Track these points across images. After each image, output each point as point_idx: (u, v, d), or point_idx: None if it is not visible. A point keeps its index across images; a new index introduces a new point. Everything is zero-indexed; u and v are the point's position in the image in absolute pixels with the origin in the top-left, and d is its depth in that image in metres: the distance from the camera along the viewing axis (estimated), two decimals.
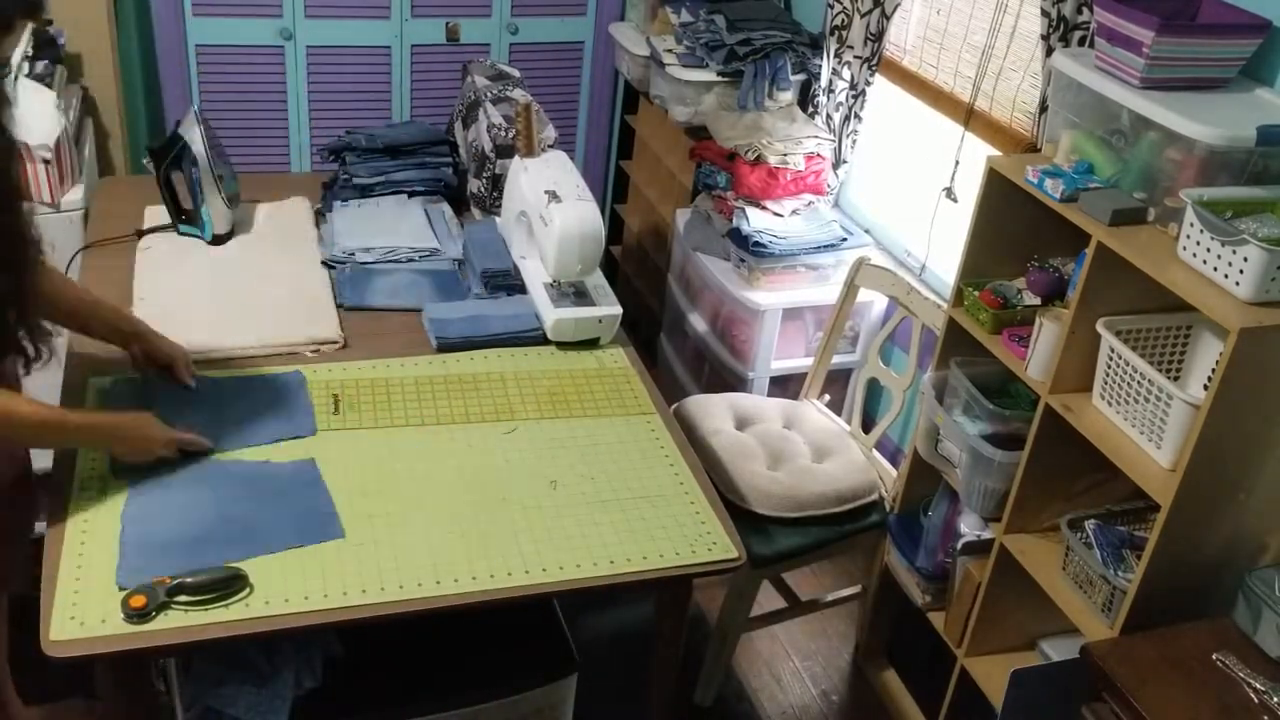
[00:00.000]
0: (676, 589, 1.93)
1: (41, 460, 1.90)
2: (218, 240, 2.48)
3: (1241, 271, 1.74)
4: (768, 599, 2.81)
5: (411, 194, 2.71)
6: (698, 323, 3.35)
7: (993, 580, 2.31)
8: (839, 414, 2.91)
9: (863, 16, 2.99)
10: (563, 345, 2.29)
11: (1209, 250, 1.79)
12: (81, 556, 1.65)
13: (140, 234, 2.46)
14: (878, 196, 3.29)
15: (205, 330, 2.16)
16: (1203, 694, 1.78)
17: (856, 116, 3.11)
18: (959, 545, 2.41)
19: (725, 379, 3.20)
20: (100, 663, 1.60)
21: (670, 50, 3.43)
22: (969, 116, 2.77)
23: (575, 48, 3.94)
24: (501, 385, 2.15)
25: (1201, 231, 1.79)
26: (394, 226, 2.58)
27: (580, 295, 2.33)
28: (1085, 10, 2.26)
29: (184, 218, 2.48)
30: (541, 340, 2.29)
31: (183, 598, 1.59)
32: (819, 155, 3.15)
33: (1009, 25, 2.64)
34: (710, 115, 3.31)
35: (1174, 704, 1.76)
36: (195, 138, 2.39)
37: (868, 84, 3.05)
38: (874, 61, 3.00)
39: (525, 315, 2.32)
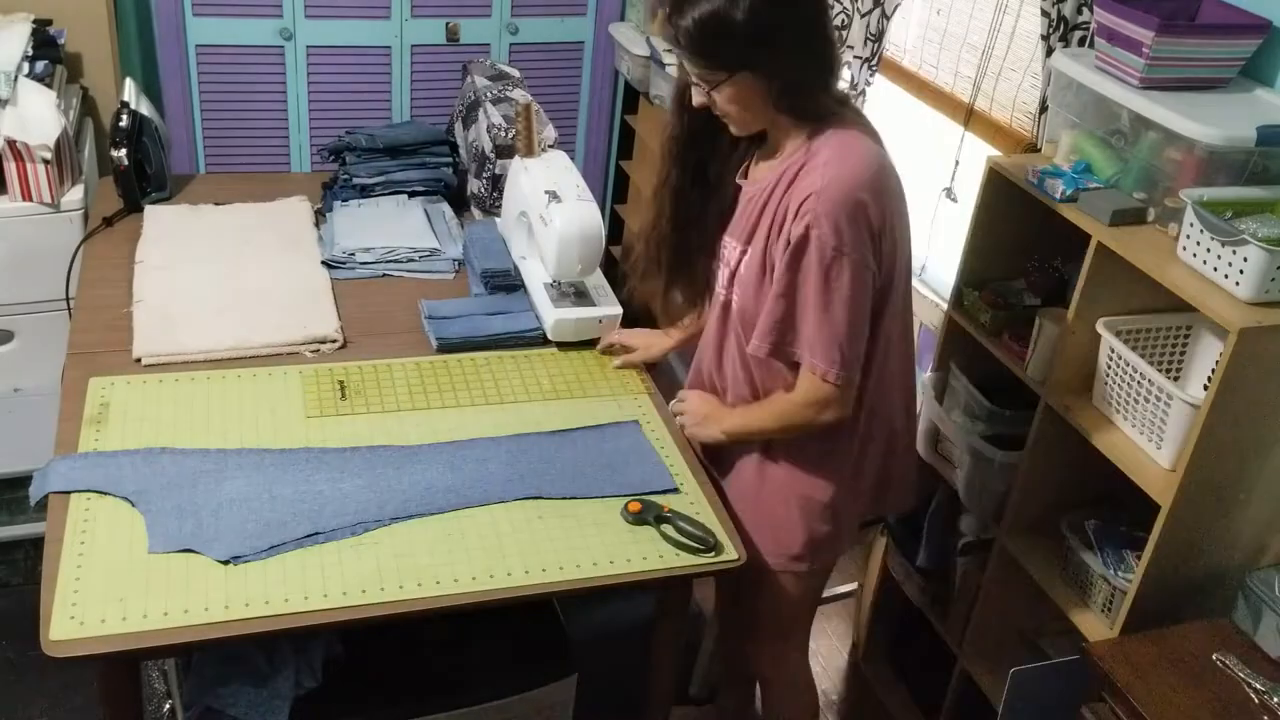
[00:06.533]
0: (676, 589, 1.93)
1: (25, 462, 1.90)
2: None
3: (1241, 271, 1.74)
4: None
5: (411, 194, 2.71)
6: None
7: (993, 580, 2.31)
8: None
9: (863, 16, 2.99)
10: (563, 345, 2.29)
11: (1209, 250, 1.79)
12: (82, 556, 1.65)
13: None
14: None
15: (205, 330, 2.17)
16: (1203, 694, 1.78)
17: None
18: (959, 545, 2.41)
19: None
20: (99, 662, 1.60)
21: (670, 50, 3.43)
22: (969, 116, 2.77)
23: (575, 48, 3.94)
24: (499, 385, 2.15)
25: (1201, 231, 1.79)
26: (394, 226, 2.58)
27: (580, 295, 2.33)
28: (1085, 10, 2.26)
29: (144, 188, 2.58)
30: (541, 340, 2.29)
31: (668, 528, 1.80)
32: None
33: (1009, 25, 2.64)
34: None
35: (1174, 704, 1.76)
36: (144, 105, 2.49)
37: (868, 84, 3.04)
38: (874, 61, 3.00)
39: (525, 315, 2.32)
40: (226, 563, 1.66)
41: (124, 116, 2.53)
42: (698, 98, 1.77)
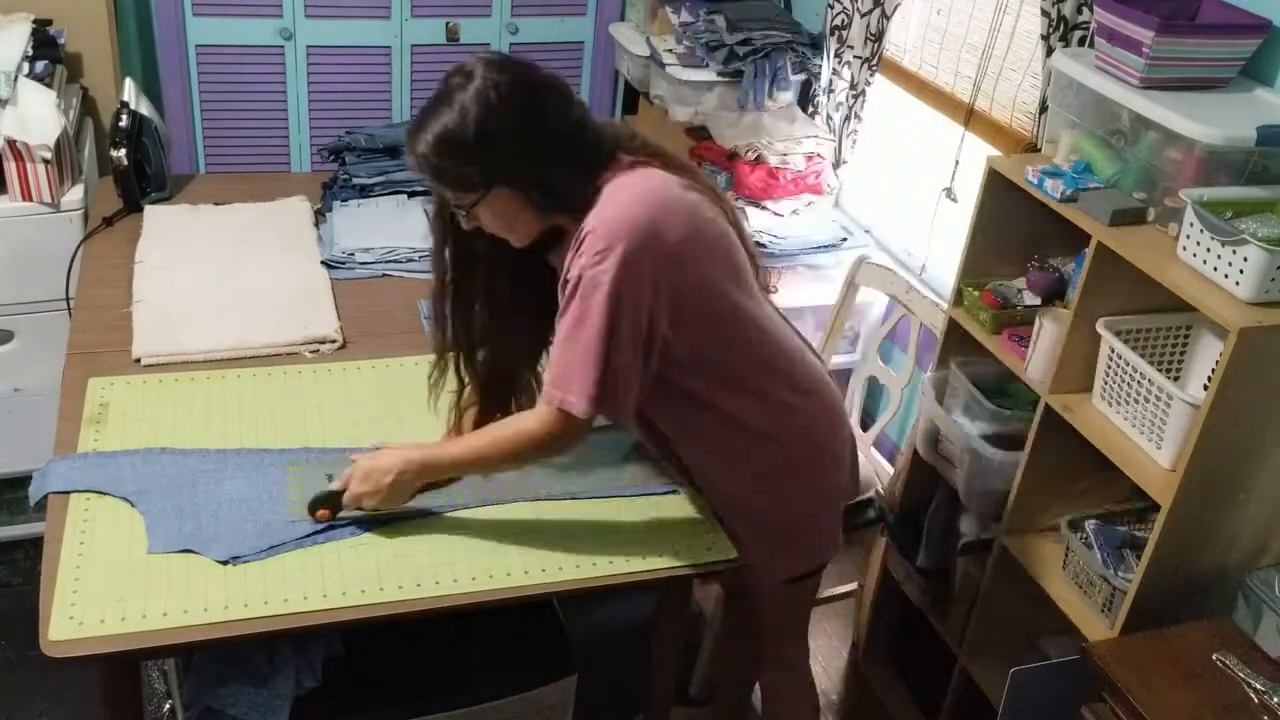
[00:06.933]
0: (676, 589, 1.93)
1: (25, 462, 1.90)
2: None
3: (1241, 271, 1.74)
4: None
5: (411, 194, 2.71)
6: None
7: (993, 580, 2.31)
8: None
9: (863, 16, 2.99)
10: None
11: (1209, 250, 1.79)
12: (81, 557, 1.64)
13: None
14: (878, 196, 3.29)
15: (205, 330, 2.16)
16: (1203, 694, 1.78)
17: (856, 116, 3.11)
18: (959, 545, 2.41)
19: None
20: (99, 662, 1.60)
21: (670, 50, 3.43)
22: (969, 116, 2.77)
23: (575, 48, 3.94)
24: None
25: (1201, 231, 1.79)
26: (394, 226, 2.58)
27: None
28: (1085, 10, 2.26)
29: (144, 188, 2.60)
30: None
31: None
32: (819, 155, 3.14)
33: (1009, 25, 2.64)
34: (710, 115, 3.31)
35: (1174, 704, 1.76)
36: (144, 105, 2.48)
37: (868, 84, 3.05)
38: (874, 61, 3.00)
39: None
40: (226, 563, 1.66)
41: (124, 116, 2.53)
42: (466, 224, 1.66)
